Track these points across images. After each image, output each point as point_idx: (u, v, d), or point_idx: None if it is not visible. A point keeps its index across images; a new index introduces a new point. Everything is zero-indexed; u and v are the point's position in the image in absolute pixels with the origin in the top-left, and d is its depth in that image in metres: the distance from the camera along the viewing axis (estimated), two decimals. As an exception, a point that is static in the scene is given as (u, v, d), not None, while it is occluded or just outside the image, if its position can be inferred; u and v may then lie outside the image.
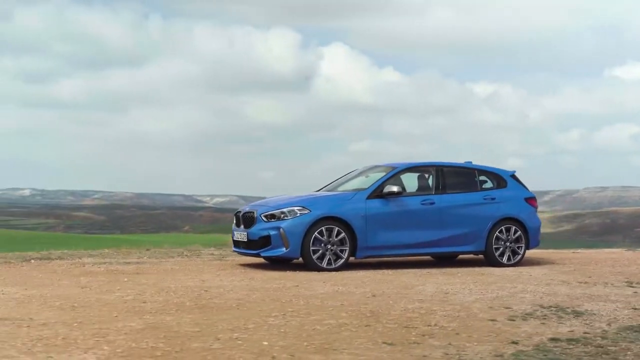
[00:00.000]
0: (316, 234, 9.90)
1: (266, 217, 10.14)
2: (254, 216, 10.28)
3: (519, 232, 10.91)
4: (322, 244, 9.94)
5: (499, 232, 10.83)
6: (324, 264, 9.93)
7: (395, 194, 10.39)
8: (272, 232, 9.98)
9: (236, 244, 10.69)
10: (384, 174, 10.69)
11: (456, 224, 10.71)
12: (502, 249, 10.85)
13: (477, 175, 11.20)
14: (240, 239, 10.47)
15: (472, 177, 11.17)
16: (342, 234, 10.01)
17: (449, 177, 10.98)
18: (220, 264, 10.86)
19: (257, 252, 10.23)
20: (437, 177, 10.89)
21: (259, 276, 9.30)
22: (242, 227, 10.46)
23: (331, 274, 9.58)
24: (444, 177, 10.91)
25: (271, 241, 9.98)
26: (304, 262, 10.04)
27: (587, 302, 7.44)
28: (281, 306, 6.91)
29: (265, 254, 10.20)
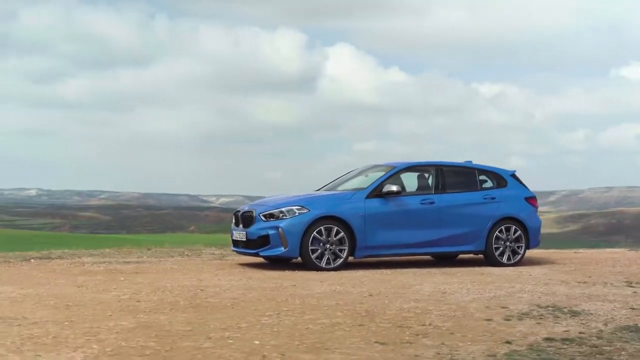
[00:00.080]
0: (315, 233, 9.87)
1: (265, 216, 10.11)
2: (253, 215, 10.25)
3: (519, 232, 10.86)
4: (321, 244, 9.90)
5: (499, 232, 10.77)
6: (323, 263, 9.89)
7: (394, 194, 10.34)
8: (271, 232, 9.95)
9: (235, 243, 10.66)
10: (383, 174, 10.65)
11: (456, 224, 10.66)
12: (502, 249, 10.80)
13: (477, 174, 11.14)
14: (239, 239, 10.44)
15: (472, 176, 11.11)
16: (341, 234, 9.97)
17: (449, 176, 10.93)
18: (219, 263, 10.83)
19: (256, 252, 10.20)
20: (436, 176, 10.84)
21: (257, 275, 9.27)
22: (241, 226, 10.43)
23: (329, 273, 9.55)
24: (444, 177, 10.86)
25: (270, 240, 9.95)
26: (302, 261, 10.00)
27: (585, 302, 7.38)
28: (276, 305, 6.88)
29: (264, 253, 10.17)
